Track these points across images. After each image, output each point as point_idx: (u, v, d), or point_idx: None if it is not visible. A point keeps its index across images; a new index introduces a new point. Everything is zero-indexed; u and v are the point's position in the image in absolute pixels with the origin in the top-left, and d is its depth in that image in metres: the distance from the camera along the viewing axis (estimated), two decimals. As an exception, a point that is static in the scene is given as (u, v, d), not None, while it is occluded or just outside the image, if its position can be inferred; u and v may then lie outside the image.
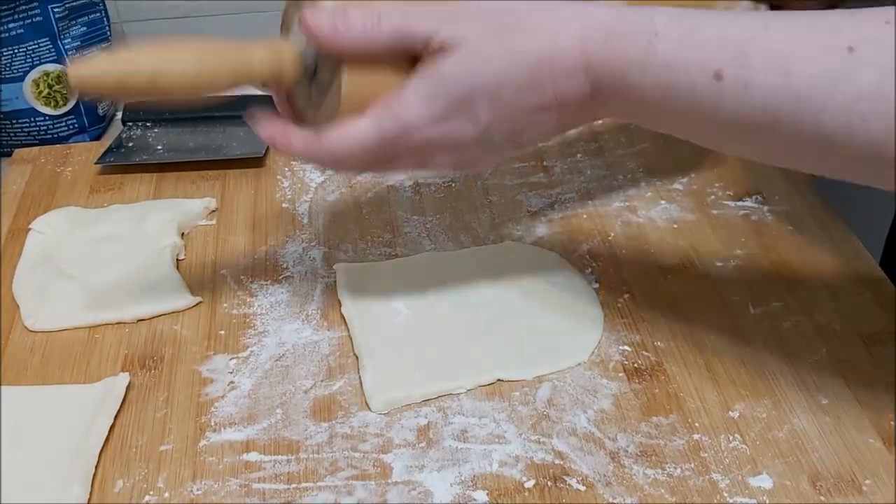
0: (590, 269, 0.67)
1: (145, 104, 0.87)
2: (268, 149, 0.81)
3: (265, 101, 0.87)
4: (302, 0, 0.52)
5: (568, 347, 0.60)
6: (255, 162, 0.80)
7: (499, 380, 0.59)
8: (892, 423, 0.55)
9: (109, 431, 0.56)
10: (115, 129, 0.89)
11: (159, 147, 0.82)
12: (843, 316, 0.62)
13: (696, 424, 0.55)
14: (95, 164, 0.80)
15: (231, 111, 0.86)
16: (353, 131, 0.50)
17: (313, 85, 0.54)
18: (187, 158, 0.80)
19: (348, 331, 0.62)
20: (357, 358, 0.60)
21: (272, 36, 0.55)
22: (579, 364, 0.59)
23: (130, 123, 0.85)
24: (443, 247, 0.70)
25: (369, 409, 0.57)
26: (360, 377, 0.59)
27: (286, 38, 0.55)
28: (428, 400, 0.57)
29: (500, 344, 0.61)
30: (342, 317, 0.64)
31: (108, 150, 0.81)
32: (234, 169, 0.80)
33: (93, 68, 0.50)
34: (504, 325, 0.62)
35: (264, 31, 0.95)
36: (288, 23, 0.56)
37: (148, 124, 0.85)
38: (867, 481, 0.52)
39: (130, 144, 0.82)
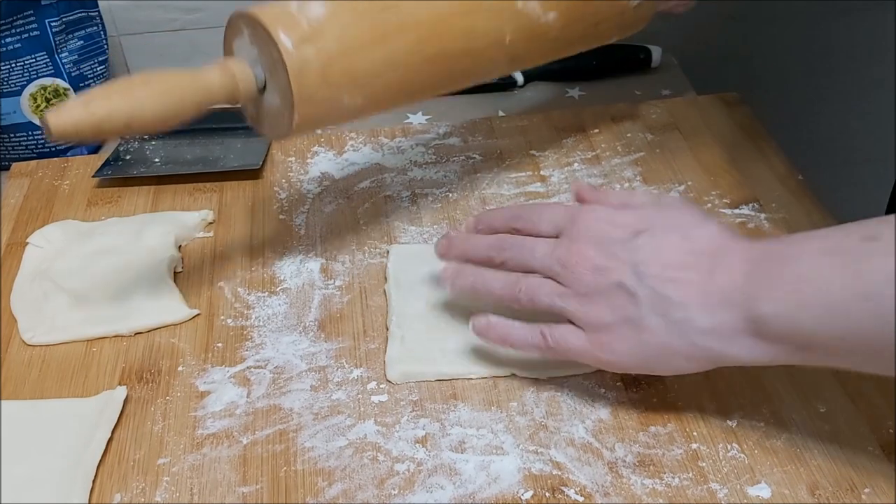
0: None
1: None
2: (265, 160, 0.81)
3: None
4: (244, 13, 0.57)
5: None
6: (251, 174, 0.80)
7: (513, 374, 0.59)
8: (891, 430, 0.55)
9: (107, 445, 0.56)
10: (113, 142, 0.89)
11: (157, 160, 0.82)
12: (841, 323, 0.62)
13: (694, 433, 0.55)
14: (93, 177, 0.80)
15: (228, 123, 0.87)
16: None
17: (263, 100, 0.59)
18: (184, 171, 0.80)
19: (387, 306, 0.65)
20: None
21: (223, 58, 0.60)
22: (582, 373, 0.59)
23: (126, 145, 0.86)
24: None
25: (387, 379, 0.60)
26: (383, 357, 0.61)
27: (237, 58, 0.59)
28: (422, 416, 0.57)
29: None
30: (339, 328, 0.64)
31: (106, 163, 0.81)
32: (231, 181, 0.80)
33: (71, 116, 0.52)
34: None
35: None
36: (230, 39, 0.59)
37: (145, 137, 0.85)
38: (866, 489, 0.52)
39: (128, 157, 0.83)
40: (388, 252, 0.70)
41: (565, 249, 0.54)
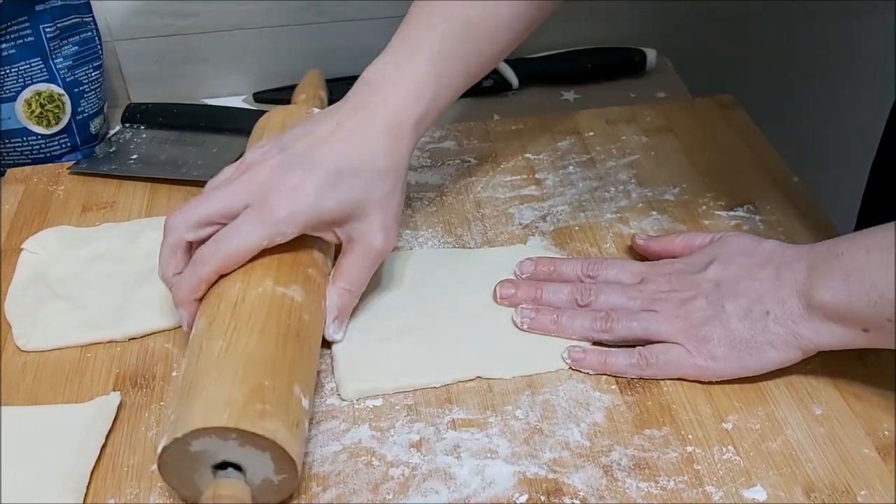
0: (582, 282, 0.67)
1: (144, 112, 0.88)
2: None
3: (256, 114, 0.88)
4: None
5: (553, 352, 0.61)
6: (247, 178, 0.80)
7: (478, 377, 0.59)
8: (887, 433, 0.55)
9: (101, 451, 0.56)
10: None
11: (135, 157, 0.83)
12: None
13: (690, 436, 0.55)
14: (69, 172, 0.81)
15: (225, 126, 0.86)
16: None
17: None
18: (176, 175, 0.80)
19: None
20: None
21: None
22: (562, 369, 0.60)
23: (120, 134, 0.87)
24: (435, 261, 0.70)
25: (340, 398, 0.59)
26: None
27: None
28: (417, 420, 0.57)
29: (484, 342, 0.61)
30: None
31: (88, 156, 0.83)
32: (227, 186, 0.79)
33: None
34: (490, 323, 0.63)
35: (255, 46, 0.95)
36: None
37: (141, 131, 0.87)
38: (862, 492, 0.52)
39: (111, 150, 0.84)
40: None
41: (654, 286, 0.61)
